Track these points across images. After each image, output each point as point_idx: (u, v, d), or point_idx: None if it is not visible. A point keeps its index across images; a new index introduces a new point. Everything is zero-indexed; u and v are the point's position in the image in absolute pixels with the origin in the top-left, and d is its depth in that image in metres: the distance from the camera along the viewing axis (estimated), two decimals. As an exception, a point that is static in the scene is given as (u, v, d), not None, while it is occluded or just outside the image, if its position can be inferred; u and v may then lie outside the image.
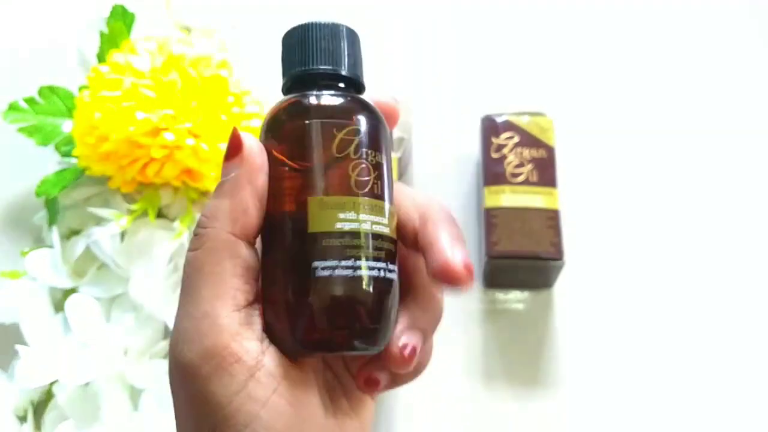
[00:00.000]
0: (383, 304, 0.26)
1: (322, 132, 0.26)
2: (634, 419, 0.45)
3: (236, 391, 0.24)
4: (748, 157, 0.54)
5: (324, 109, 0.27)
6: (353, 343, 0.26)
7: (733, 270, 0.50)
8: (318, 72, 0.28)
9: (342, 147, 0.26)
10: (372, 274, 0.26)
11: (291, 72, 0.29)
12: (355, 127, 0.27)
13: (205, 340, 0.24)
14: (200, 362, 0.24)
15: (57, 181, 0.46)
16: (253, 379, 0.24)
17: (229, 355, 0.24)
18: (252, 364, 0.24)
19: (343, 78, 0.28)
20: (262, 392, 0.24)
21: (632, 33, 0.59)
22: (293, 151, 0.27)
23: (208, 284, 0.25)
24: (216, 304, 0.25)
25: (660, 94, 0.56)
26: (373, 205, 0.26)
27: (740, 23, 0.59)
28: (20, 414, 0.42)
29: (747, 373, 0.46)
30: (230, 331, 0.24)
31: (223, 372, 0.24)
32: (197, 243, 0.26)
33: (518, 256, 0.45)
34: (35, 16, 0.60)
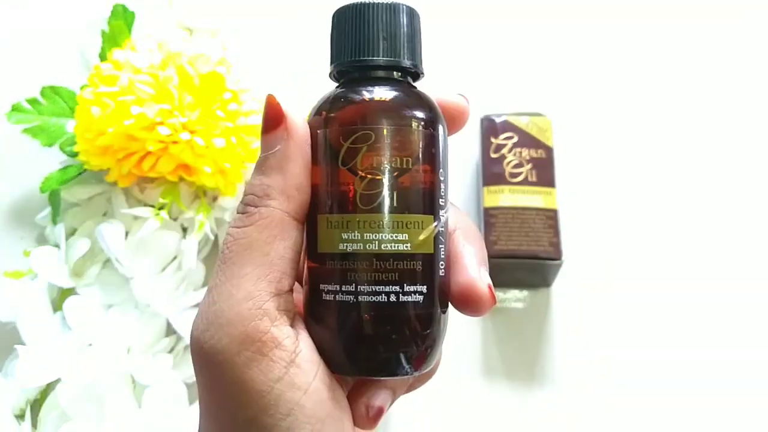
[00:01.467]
0: (393, 330, 0.24)
1: (329, 142, 0.24)
2: (632, 416, 0.46)
3: (278, 377, 0.22)
4: (748, 155, 0.54)
5: (335, 115, 0.25)
6: (361, 371, 0.25)
7: (732, 269, 0.50)
8: (351, 63, 0.26)
9: (348, 157, 0.24)
10: (375, 300, 0.23)
11: (333, 61, 0.26)
12: (365, 132, 0.24)
13: (246, 323, 0.23)
14: (238, 348, 0.22)
15: (61, 177, 0.47)
16: (294, 365, 0.23)
17: (270, 341, 0.23)
18: (292, 348, 0.23)
19: (382, 67, 0.26)
20: (303, 378, 0.23)
21: (631, 33, 0.59)
22: (313, 163, 0.25)
23: (255, 263, 0.23)
24: (260, 285, 0.23)
25: (659, 95, 0.57)
26: (382, 222, 0.24)
27: (740, 23, 0.59)
28: (17, 413, 0.43)
29: (745, 370, 0.47)
30: (271, 316, 0.23)
31: (263, 358, 0.22)
32: (247, 220, 0.24)
33: (517, 256, 0.45)
34: (36, 17, 0.60)
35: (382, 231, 0.23)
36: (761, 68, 0.58)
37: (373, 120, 0.24)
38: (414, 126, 0.25)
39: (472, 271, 0.25)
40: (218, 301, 0.23)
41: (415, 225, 0.24)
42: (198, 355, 0.23)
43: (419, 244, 0.24)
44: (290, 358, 0.23)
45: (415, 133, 0.24)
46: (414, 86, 0.27)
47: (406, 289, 0.24)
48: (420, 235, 0.24)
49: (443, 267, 0.25)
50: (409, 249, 0.24)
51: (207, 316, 0.23)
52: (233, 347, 0.23)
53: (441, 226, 0.25)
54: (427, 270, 0.24)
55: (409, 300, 0.24)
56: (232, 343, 0.23)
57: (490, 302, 0.25)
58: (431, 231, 0.24)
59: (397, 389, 0.27)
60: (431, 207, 0.25)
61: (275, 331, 0.23)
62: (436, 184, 0.25)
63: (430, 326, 0.25)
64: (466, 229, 0.26)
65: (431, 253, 0.24)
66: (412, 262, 0.24)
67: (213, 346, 0.23)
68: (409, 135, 0.24)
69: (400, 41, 0.25)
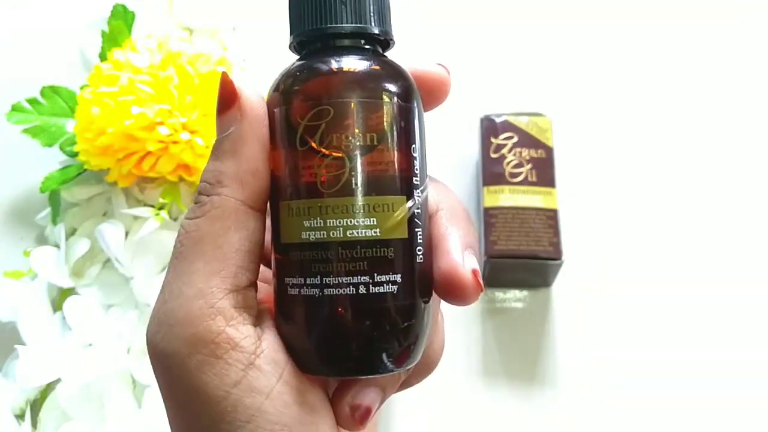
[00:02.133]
0: (366, 325, 0.22)
1: (286, 121, 0.22)
2: (632, 416, 0.46)
3: (234, 382, 0.20)
4: (748, 155, 0.54)
5: (291, 89, 0.22)
6: (335, 371, 0.23)
7: (732, 269, 0.50)
8: (309, 32, 0.23)
9: (306, 137, 0.22)
10: (343, 292, 0.21)
11: (292, 31, 0.24)
12: (321, 108, 0.21)
13: (197, 324, 0.21)
14: (189, 350, 0.20)
15: (61, 177, 0.47)
16: (253, 367, 0.21)
17: (225, 342, 0.21)
18: (251, 350, 0.21)
19: (347, 35, 0.23)
20: (264, 381, 0.21)
21: (631, 33, 0.59)
22: (271, 145, 0.23)
23: (207, 258, 0.21)
24: (213, 282, 0.21)
25: (659, 95, 0.57)
26: (347, 206, 0.21)
27: (740, 23, 0.59)
28: (17, 413, 0.43)
29: (746, 370, 0.47)
30: (226, 315, 0.21)
31: (218, 360, 0.20)
32: (198, 211, 0.22)
33: (517, 256, 0.45)
34: (36, 17, 0.60)
35: (348, 216, 0.21)
36: (761, 68, 0.58)
37: (335, 93, 0.22)
38: (382, 99, 0.22)
39: (455, 255, 0.22)
40: (169, 300, 0.21)
41: (384, 208, 0.21)
42: (152, 357, 0.22)
43: (390, 228, 0.22)
44: (249, 360, 0.21)
45: (383, 106, 0.22)
46: (384, 55, 0.24)
47: (377, 279, 0.21)
48: (390, 218, 0.22)
49: (422, 252, 0.22)
50: (379, 235, 0.21)
51: (158, 316, 0.21)
52: (184, 350, 0.20)
53: (417, 207, 0.22)
54: (401, 257, 0.22)
55: (382, 291, 0.21)
56: (183, 345, 0.20)
57: (476, 289, 0.22)
58: (404, 213, 0.22)
59: (387, 387, 0.24)
60: (404, 187, 0.22)
61: (231, 331, 0.21)
62: (409, 162, 0.22)
63: (410, 318, 0.22)
64: (451, 209, 0.24)
65: (405, 238, 0.22)
66: (383, 249, 0.21)
67: (164, 348, 0.21)
68: (375, 109, 0.22)
69: (366, 5, 0.23)
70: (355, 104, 0.22)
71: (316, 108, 0.21)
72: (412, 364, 0.23)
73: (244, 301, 0.22)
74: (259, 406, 0.20)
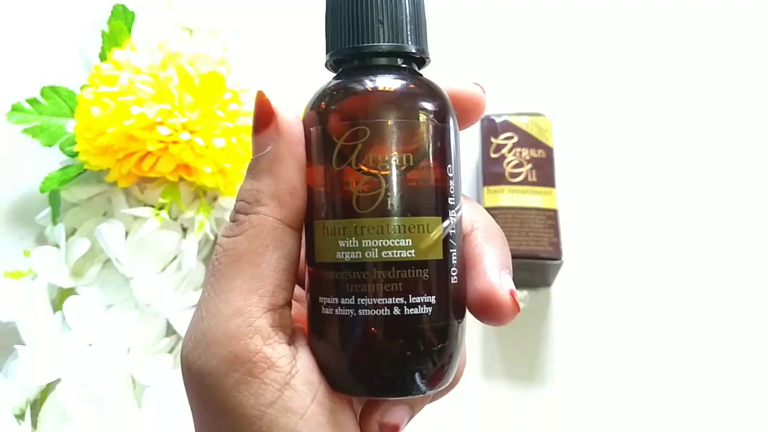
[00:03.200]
0: (400, 346, 0.22)
1: (322, 140, 0.22)
2: (631, 415, 0.46)
3: (270, 402, 0.20)
4: (748, 154, 0.54)
5: (328, 109, 0.22)
6: (368, 391, 0.23)
7: (730, 269, 0.50)
8: (345, 51, 0.23)
9: (342, 156, 0.22)
10: (377, 313, 0.21)
11: (328, 50, 0.24)
12: (358, 128, 0.21)
13: (235, 342, 0.21)
14: (227, 369, 0.20)
15: (61, 177, 0.47)
16: (289, 387, 0.21)
17: (261, 361, 0.21)
18: (287, 370, 0.21)
19: (383, 54, 0.23)
20: (299, 402, 0.21)
21: (631, 33, 0.59)
22: (307, 164, 0.23)
23: (245, 276, 0.21)
24: (251, 300, 0.21)
25: (658, 95, 0.57)
26: (382, 226, 0.21)
27: (740, 22, 0.59)
28: (17, 413, 0.43)
29: (743, 370, 0.47)
30: (263, 334, 0.21)
31: (254, 380, 0.20)
32: (237, 229, 0.22)
33: (517, 256, 0.45)
34: (36, 17, 0.60)
35: (383, 237, 0.21)
36: (761, 68, 0.58)
37: (372, 113, 0.22)
38: (419, 118, 0.22)
39: (491, 276, 0.22)
40: (206, 318, 0.21)
41: (419, 229, 0.21)
42: (186, 376, 0.22)
43: (425, 249, 0.22)
44: (285, 380, 0.21)
45: (420, 126, 0.22)
46: (419, 74, 0.24)
47: (411, 300, 0.21)
48: (426, 239, 0.22)
49: (456, 273, 0.22)
50: (414, 256, 0.21)
51: (195, 334, 0.21)
52: (221, 368, 0.20)
53: (452, 227, 0.22)
54: (435, 278, 0.22)
55: (416, 312, 0.21)
56: (221, 364, 0.21)
57: (513, 310, 0.22)
58: (439, 234, 0.22)
59: (416, 405, 0.24)
60: (439, 207, 0.22)
61: (268, 350, 0.21)
62: (445, 182, 0.22)
63: (444, 340, 0.22)
64: (486, 229, 0.24)
65: (440, 259, 0.22)
66: (418, 270, 0.21)
67: (200, 367, 0.21)
68: (413, 128, 0.22)
69: (402, 23, 0.23)
70: (392, 124, 0.22)
71: (352, 128, 0.22)
72: (444, 385, 0.23)
73: (281, 320, 0.22)
74: (293, 427, 0.20)
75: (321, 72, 0.26)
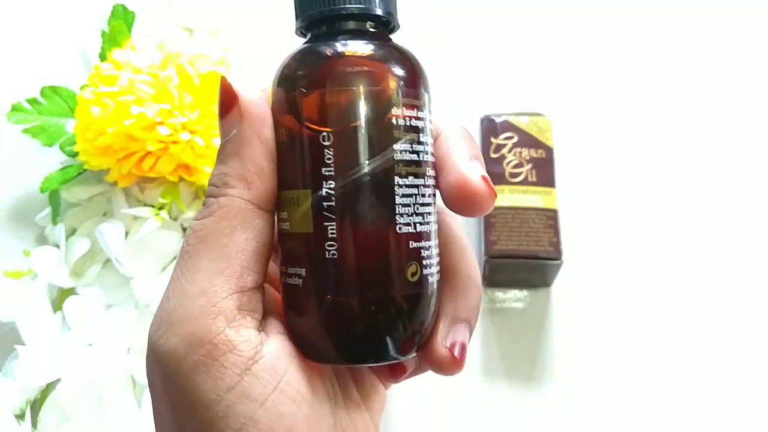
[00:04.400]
0: (291, 317, 0.23)
1: (277, 106, 0.23)
2: (631, 416, 0.46)
3: (229, 386, 0.20)
4: (748, 154, 0.54)
5: (280, 75, 0.23)
6: (333, 358, 0.23)
7: (730, 269, 0.50)
8: (312, 15, 0.24)
9: (277, 127, 0.22)
10: (289, 282, 0.22)
11: (298, 16, 0.25)
12: (292, 94, 0.22)
13: (196, 323, 0.20)
14: (186, 350, 0.20)
15: (61, 177, 0.47)
16: (250, 373, 0.20)
17: (223, 344, 0.20)
18: (249, 355, 0.20)
19: (352, 16, 0.23)
20: (260, 389, 0.20)
21: (630, 33, 0.59)
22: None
23: (212, 257, 0.21)
24: (216, 281, 0.21)
25: (658, 95, 0.57)
26: (283, 200, 0.22)
27: (740, 23, 0.59)
28: (17, 413, 0.43)
29: (744, 370, 0.47)
30: (227, 316, 0.20)
31: (214, 363, 0.20)
32: (206, 212, 0.22)
33: (517, 256, 0.45)
34: (36, 17, 0.60)
35: (280, 209, 0.22)
36: (761, 67, 0.58)
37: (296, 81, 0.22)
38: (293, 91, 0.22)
39: (462, 166, 0.22)
40: (171, 298, 0.21)
41: (291, 202, 0.22)
42: (149, 355, 0.21)
43: (296, 222, 0.22)
44: (246, 366, 0.20)
45: (292, 99, 0.22)
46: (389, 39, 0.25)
47: (289, 271, 0.22)
48: (296, 212, 0.22)
49: (335, 248, 0.21)
50: (289, 228, 0.22)
51: (160, 314, 0.21)
52: (181, 349, 0.20)
53: (328, 200, 0.21)
54: (306, 251, 0.22)
55: (292, 283, 0.22)
56: (181, 344, 0.20)
57: (489, 194, 0.22)
58: (308, 207, 0.21)
59: (471, 320, 0.24)
60: (308, 180, 0.21)
61: (230, 333, 0.20)
62: (317, 151, 0.21)
63: (319, 312, 0.22)
64: (450, 131, 0.24)
65: (311, 233, 0.21)
66: (292, 242, 0.22)
67: (161, 346, 0.20)
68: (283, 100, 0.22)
69: None
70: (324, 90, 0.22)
71: (291, 94, 0.22)
72: (327, 359, 0.23)
73: (249, 304, 0.21)
74: (251, 415, 0.20)
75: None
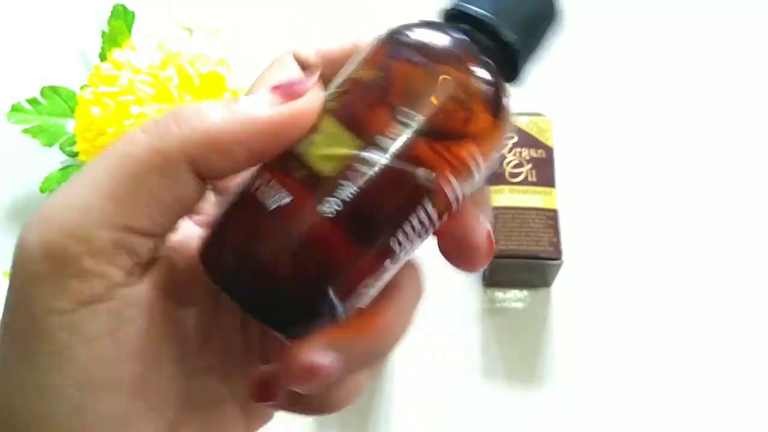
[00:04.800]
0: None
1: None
2: (631, 416, 0.46)
3: (60, 310, 0.18)
4: (748, 153, 0.54)
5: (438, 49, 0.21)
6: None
7: (731, 269, 0.50)
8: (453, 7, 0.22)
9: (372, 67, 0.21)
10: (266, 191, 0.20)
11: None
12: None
13: (60, 234, 0.18)
14: (38, 254, 0.18)
15: (61, 177, 0.47)
16: (89, 307, 0.18)
17: (74, 267, 0.18)
18: (98, 291, 0.18)
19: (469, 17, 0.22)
20: (92, 327, 0.18)
21: (630, 33, 0.59)
22: None
23: (119, 180, 0.18)
24: (107, 206, 0.18)
25: (659, 94, 0.57)
26: (323, 125, 0.21)
27: (740, 23, 0.60)
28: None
29: (745, 371, 0.47)
30: (97, 244, 0.18)
31: (55, 280, 0.18)
32: (152, 127, 0.19)
33: (517, 256, 0.45)
34: (36, 17, 0.60)
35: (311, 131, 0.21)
36: (760, 68, 0.58)
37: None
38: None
39: (471, 218, 0.21)
40: (57, 196, 0.19)
41: (330, 135, 0.21)
42: (16, 243, 0.19)
43: (318, 155, 0.20)
44: (87, 299, 0.18)
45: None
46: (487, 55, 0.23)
47: (272, 182, 0.20)
48: (327, 149, 0.20)
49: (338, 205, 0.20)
50: (303, 152, 0.20)
51: (45, 203, 0.19)
52: (36, 252, 0.18)
53: (366, 163, 0.20)
54: (312, 184, 0.20)
55: (271, 194, 0.20)
56: (37, 246, 0.18)
57: (487, 254, 0.21)
58: (344, 155, 0.20)
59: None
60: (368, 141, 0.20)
61: (88, 261, 0.18)
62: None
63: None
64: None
65: (324, 174, 0.20)
66: (299, 164, 0.21)
67: (23, 238, 0.18)
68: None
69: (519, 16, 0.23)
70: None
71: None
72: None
73: (131, 245, 0.19)
74: (70, 347, 0.18)
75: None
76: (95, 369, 0.18)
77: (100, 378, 0.18)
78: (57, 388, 0.18)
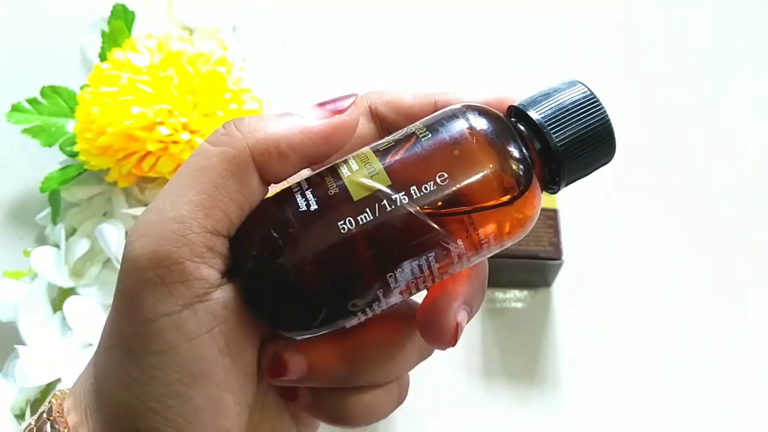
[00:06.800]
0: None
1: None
2: (632, 417, 0.46)
3: (166, 312, 0.21)
4: (748, 154, 0.54)
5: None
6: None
7: (731, 269, 0.50)
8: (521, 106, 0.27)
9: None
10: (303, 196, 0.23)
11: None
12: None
13: (162, 244, 0.21)
14: (145, 264, 0.21)
15: (60, 177, 0.47)
16: (191, 309, 0.21)
17: (178, 272, 0.21)
18: (198, 293, 0.21)
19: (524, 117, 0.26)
20: (193, 326, 0.21)
21: (630, 33, 0.59)
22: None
23: (200, 188, 0.21)
24: (196, 214, 0.21)
25: (658, 95, 0.57)
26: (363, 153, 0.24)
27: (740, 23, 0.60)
28: (17, 413, 0.43)
29: (745, 371, 0.47)
30: (193, 249, 0.21)
31: (163, 286, 0.21)
32: (218, 139, 0.22)
33: (517, 256, 0.45)
34: (36, 17, 0.60)
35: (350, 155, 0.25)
36: (761, 68, 0.58)
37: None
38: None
39: (450, 304, 0.24)
40: (152, 211, 0.22)
41: (364, 159, 0.24)
42: (123, 255, 0.22)
43: (352, 180, 0.23)
44: (190, 301, 0.21)
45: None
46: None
47: (309, 191, 0.23)
48: (361, 174, 0.23)
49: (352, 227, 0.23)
50: (341, 170, 0.24)
51: (140, 221, 0.22)
52: (142, 261, 0.21)
53: (388, 199, 0.23)
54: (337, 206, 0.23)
55: (305, 201, 0.23)
56: (143, 257, 0.21)
57: (448, 342, 0.24)
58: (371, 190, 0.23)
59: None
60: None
61: (189, 265, 0.21)
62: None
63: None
64: (474, 274, 0.25)
65: (352, 198, 0.23)
66: (333, 184, 0.24)
67: (129, 251, 0.21)
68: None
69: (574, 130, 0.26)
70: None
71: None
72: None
73: (221, 248, 0.22)
74: (176, 345, 0.21)
75: (320, 71, 0.26)
76: (195, 364, 0.21)
77: (199, 372, 0.21)
78: (165, 384, 0.21)
